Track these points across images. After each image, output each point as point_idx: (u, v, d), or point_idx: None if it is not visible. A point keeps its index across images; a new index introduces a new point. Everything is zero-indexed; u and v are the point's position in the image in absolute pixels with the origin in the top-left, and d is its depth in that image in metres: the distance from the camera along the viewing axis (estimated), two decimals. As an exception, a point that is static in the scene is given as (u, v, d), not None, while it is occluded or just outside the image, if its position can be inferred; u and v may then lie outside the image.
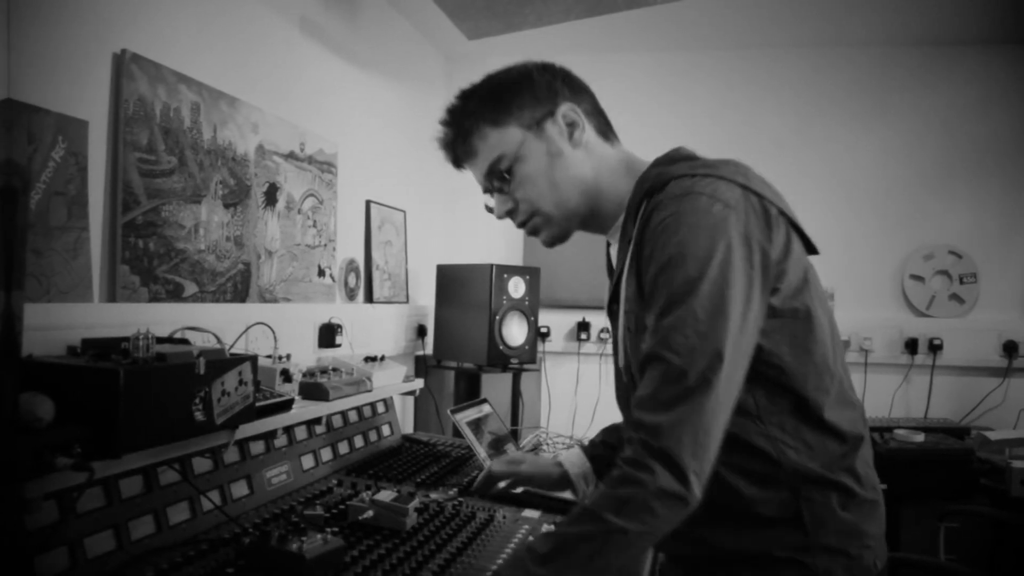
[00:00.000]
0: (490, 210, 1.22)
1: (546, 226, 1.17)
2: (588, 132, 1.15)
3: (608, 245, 1.23)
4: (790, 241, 1.03)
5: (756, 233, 0.97)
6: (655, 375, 0.93)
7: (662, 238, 0.96)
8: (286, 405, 1.69)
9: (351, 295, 2.75)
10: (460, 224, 3.79)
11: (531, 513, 1.68)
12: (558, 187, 1.13)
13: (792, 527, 1.01)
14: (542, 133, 1.12)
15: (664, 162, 1.11)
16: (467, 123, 1.16)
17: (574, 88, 1.17)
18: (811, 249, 1.09)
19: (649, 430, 0.90)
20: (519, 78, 1.16)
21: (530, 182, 1.13)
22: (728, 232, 0.94)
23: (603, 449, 1.47)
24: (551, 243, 1.19)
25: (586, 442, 1.54)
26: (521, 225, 1.18)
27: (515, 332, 2.94)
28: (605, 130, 1.19)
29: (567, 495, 1.72)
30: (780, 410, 1.02)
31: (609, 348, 3.49)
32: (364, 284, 2.88)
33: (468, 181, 1.25)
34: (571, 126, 1.13)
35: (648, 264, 0.99)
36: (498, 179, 1.15)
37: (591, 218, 1.17)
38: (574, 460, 1.49)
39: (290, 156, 2.33)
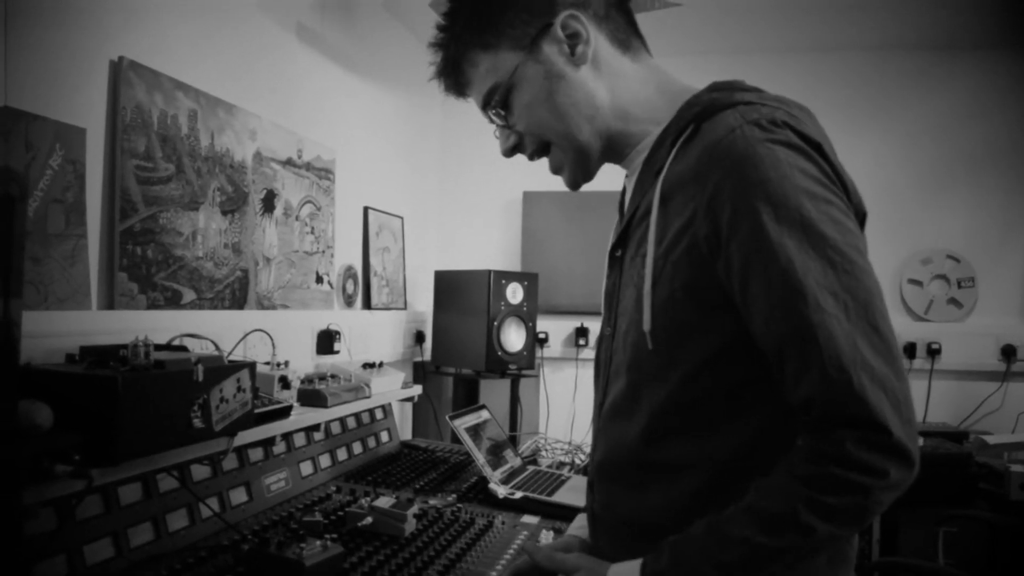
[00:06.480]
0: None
1: (565, 161, 0.98)
2: (598, 43, 0.92)
3: (626, 177, 1.02)
4: None
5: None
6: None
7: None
8: (284, 412, 1.69)
9: (349, 301, 2.75)
10: (458, 230, 3.78)
11: (530, 519, 1.68)
12: (563, 117, 0.93)
13: None
14: (539, 53, 0.92)
15: (724, 87, 0.90)
16: (454, 49, 1.00)
17: None
18: None
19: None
20: None
21: (529, 113, 0.94)
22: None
23: None
24: (573, 184, 1.00)
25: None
26: (533, 158, 1.01)
27: (513, 338, 2.94)
28: (626, 38, 0.96)
29: (567, 501, 1.73)
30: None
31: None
32: (362, 290, 2.88)
33: (465, 187, 1.14)
34: (572, 38, 0.91)
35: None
36: (494, 113, 0.97)
37: (612, 150, 0.97)
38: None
39: (288, 163, 2.33)
